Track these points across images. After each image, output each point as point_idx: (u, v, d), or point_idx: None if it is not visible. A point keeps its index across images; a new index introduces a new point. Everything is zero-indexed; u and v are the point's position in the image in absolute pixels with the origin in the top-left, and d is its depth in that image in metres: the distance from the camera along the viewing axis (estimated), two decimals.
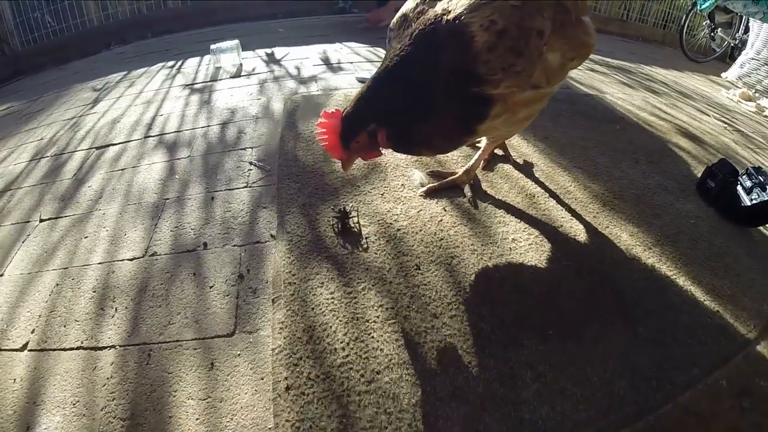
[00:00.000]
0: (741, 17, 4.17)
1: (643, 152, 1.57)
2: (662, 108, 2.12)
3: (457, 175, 1.31)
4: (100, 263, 1.20)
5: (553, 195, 1.32)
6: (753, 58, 3.51)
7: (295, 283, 1.00)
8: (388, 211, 1.21)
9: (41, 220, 1.46)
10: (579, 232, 1.18)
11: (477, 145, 1.39)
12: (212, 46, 2.54)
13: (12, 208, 1.60)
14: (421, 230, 1.15)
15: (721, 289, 1.04)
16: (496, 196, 1.30)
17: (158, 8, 4.36)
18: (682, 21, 4.33)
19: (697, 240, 1.18)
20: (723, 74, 3.76)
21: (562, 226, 1.20)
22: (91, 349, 0.98)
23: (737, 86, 3.42)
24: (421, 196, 1.27)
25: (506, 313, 0.96)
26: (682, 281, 1.04)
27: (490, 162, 1.44)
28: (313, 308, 0.96)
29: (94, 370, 0.93)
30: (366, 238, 1.13)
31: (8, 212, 1.57)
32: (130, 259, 1.18)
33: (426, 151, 1.09)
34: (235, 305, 1.00)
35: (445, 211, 1.22)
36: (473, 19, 0.89)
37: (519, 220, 1.21)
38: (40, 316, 1.09)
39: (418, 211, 1.21)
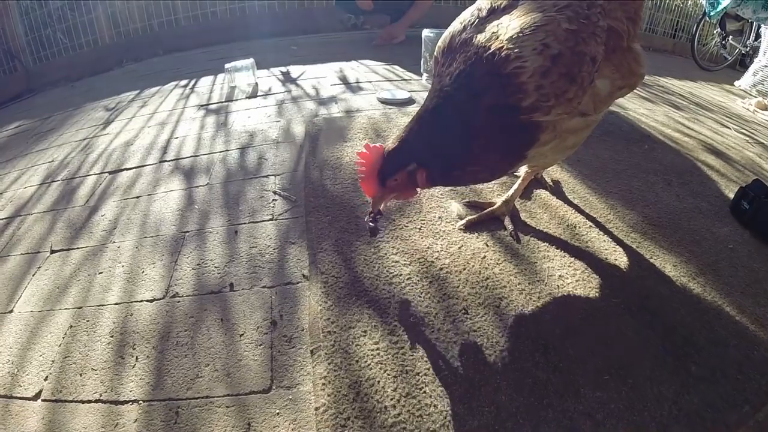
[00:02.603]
0: (751, 25, 4.22)
1: (673, 173, 1.54)
2: (685, 123, 2.09)
3: (496, 206, 1.23)
4: (116, 304, 1.12)
5: (594, 224, 1.26)
6: (766, 66, 3.49)
7: (335, 332, 0.92)
8: (428, 247, 1.13)
9: (52, 251, 1.39)
10: (624, 265, 1.13)
11: (515, 174, 1.32)
12: (227, 65, 2.49)
13: (22, 236, 1.53)
14: (464, 269, 1.07)
15: (764, 318, 1.00)
16: (537, 227, 1.23)
17: (170, 25, 4.34)
18: (694, 30, 4.31)
19: (736, 266, 1.14)
20: (736, 83, 3.74)
21: (606, 258, 1.14)
22: (112, 402, 0.90)
23: (751, 95, 3.39)
24: (460, 229, 1.19)
25: (560, 359, 0.90)
26: (727, 312, 1.01)
27: (526, 188, 1.37)
28: (357, 361, 0.87)
29: (116, 428, 0.85)
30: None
31: (18, 240, 1.51)
32: (150, 301, 1.09)
33: (472, 183, 1.03)
34: (269, 356, 0.91)
35: (487, 246, 1.14)
36: (525, 42, 0.83)
37: (564, 254, 1.15)
38: (53, 361, 1.01)
39: (460, 247, 1.13)
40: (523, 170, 1.26)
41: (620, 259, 1.14)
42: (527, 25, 0.85)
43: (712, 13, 3.62)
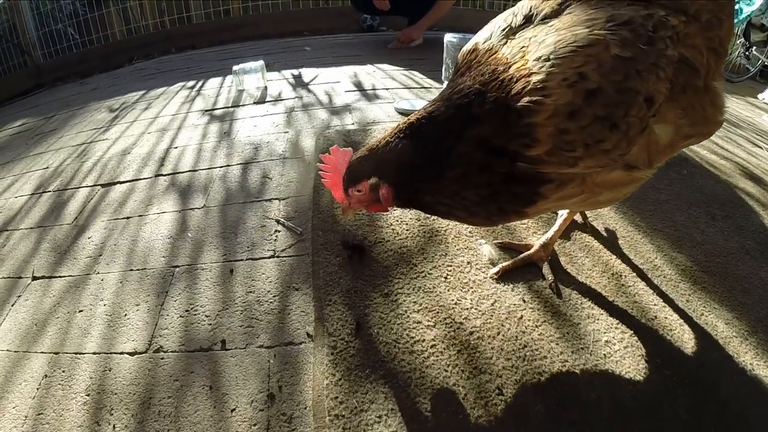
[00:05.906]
0: None
1: (715, 203, 1.41)
2: (719, 143, 1.93)
3: (533, 250, 1.06)
4: (95, 353, 0.98)
5: (639, 273, 1.11)
6: None
7: (344, 416, 0.75)
8: (456, 303, 0.96)
9: (34, 278, 1.26)
10: (674, 325, 0.99)
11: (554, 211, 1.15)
12: (235, 67, 2.34)
13: (5, 255, 1.41)
14: (498, 333, 0.90)
15: None
16: (579, 278, 1.07)
17: (182, 23, 4.22)
18: None
19: None
20: (760, 95, 3.56)
21: (656, 317, 1.00)
22: None
23: None
24: (492, 278, 1.02)
25: None
26: None
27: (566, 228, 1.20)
28: None
29: None
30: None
31: (2, 260, 1.39)
32: (131, 354, 0.95)
33: (450, 219, 0.87)
34: None
35: (524, 302, 0.97)
36: (555, 68, 0.65)
37: (609, 313, 1.00)
38: (26, 417, 0.89)
39: (492, 303, 0.96)
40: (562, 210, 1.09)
41: (670, 317, 1.00)
42: (564, 44, 0.66)
43: (735, 22, 3.44)
